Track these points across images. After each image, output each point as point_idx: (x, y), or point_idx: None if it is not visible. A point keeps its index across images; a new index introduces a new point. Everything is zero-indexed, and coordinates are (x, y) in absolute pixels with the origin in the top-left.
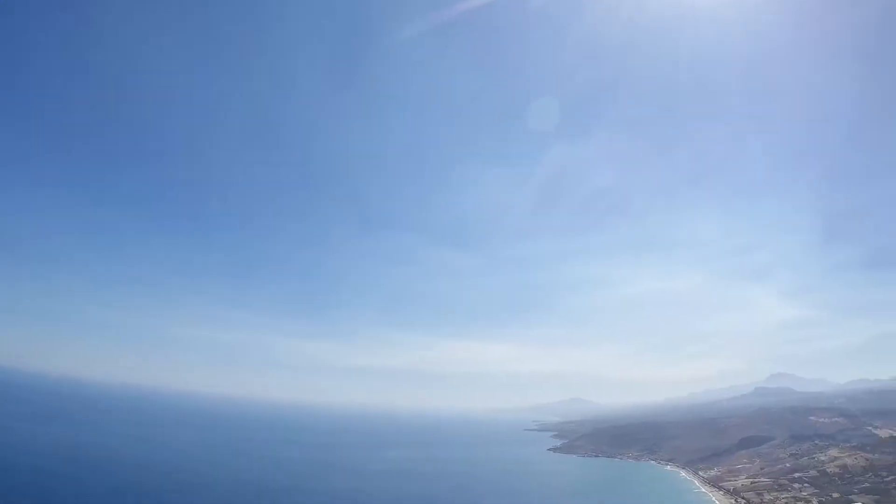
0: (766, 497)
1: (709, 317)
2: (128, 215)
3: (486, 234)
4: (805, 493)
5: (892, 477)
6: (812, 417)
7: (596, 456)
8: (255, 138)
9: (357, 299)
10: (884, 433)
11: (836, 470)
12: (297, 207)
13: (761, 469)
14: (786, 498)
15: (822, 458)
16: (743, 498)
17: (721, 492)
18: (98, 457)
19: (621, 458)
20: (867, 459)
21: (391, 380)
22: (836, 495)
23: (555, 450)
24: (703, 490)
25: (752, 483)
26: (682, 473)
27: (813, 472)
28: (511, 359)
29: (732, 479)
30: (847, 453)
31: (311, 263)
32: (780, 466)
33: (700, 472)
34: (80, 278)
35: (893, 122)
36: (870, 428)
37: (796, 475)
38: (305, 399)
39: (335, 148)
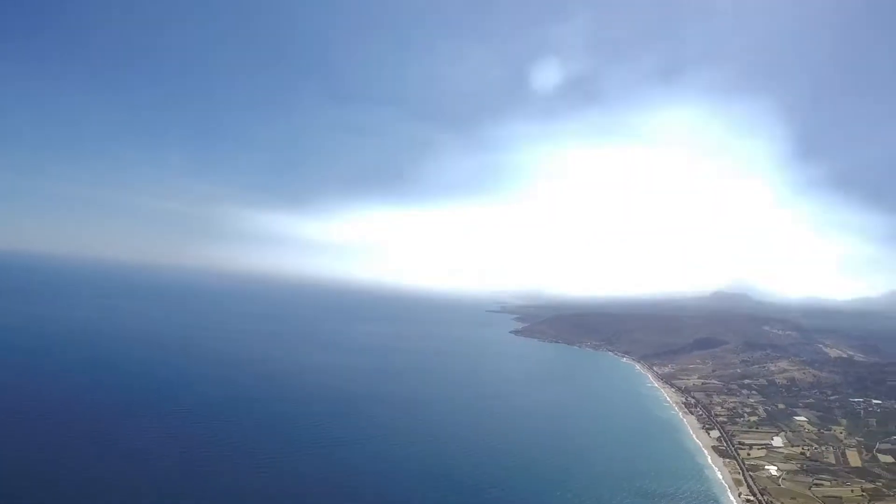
0: (715, 399)
1: (672, 215)
2: (89, 85)
3: (462, 111)
4: (752, 401)
5: (836, 396)
6: (766, 327)
7: (556, 342)
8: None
9: (324, 171)
10: (833, 352)
11: (785, 382)
12: (264, 78)
13: (713, 371)
14: (733, 402)
15: (773, 369)
16: (693, 397)
17: (673, 389)
18: (71, 330)
19: (580, 347)
20: (815, 376)
21: (356, 252)
22: (781, 406)
23: (516, 333)
24: (656, 385)
25: (703, 384)
26: (638, 367)
27: (762, 381)
28: (478, 237)
29: (685, 377)
30: (796, 367)
31: (279, 135)
32: (731, 371)
33: (654, 368)
34: (39, 154)
35: (877, 44)
36: (821, 345)
37: (746, 381)
38: (271, 271)
39: (306, 16)
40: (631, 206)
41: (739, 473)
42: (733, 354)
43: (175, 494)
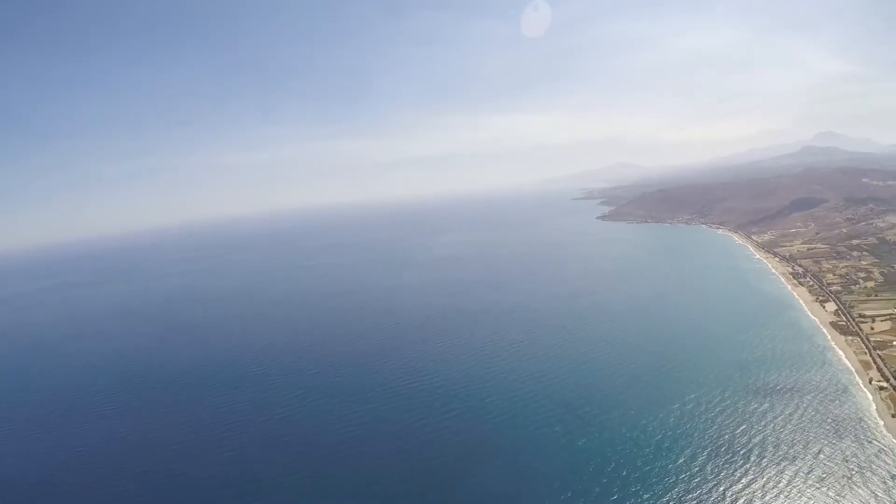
0: (825, 265)
1: (751, 74)
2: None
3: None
4: (865, 263)
5: None
6: (865, 179)
7: (645, 222)
8: None
9: (388, 89)
10: None
11: None
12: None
13: (816, 234)
14: (845, 267)
15: (881, 225)
16: (800, 265)
17: (777, 258)
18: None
19: (671, 224)
20: None
21: (433, 166)
22: None
23: (604, 218)
24: (758, 256)
25: (808, 249)
26: (735, 238)
27: (872, 240)
28: (554, 128)
29: (787, 243)
30: None
31: (335, 60)
32: (836, 231)
33: (753, 237)
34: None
35: None
36: None
37: (854, 242)
38: (351, 200)
39: None
40: (705, 72)
41: (866, 353)
42: (835, 213)
43: None
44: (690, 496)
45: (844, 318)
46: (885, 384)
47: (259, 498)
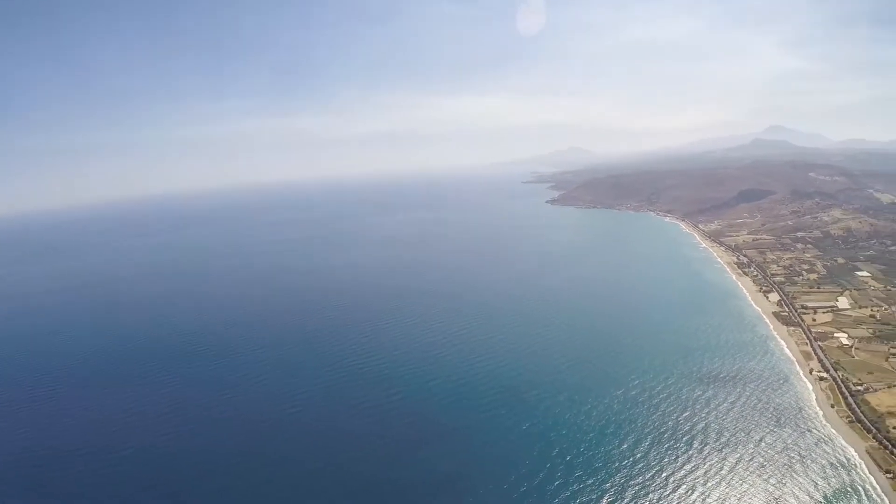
0: (769, 256)
1: (706, 65)
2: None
3: None
4: (808, 256)
5: None
6: (812, 174)
7: (593, 207)
8: None
9: (338, 66)
10: (885, 198)
11: (840, 232)
12: None
13: (762, 225)
14: (789, 258)
15: (826, 219)
16: (745, 255)
17: (722, 247)
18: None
19: (619, 210)
20: (871, 224)
21: (384, 145)
22: (840, 261)
23: (553, 202)
24: (704, 244)
25: (753, 240)
26: (682, 226)
27: (816, 233)
28: (507, 111)
29: (734, 233)
30: (851, 216)
31: (286, 37)
32: (781, 224)
33: (700, 226)
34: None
35: None
36: (871, 191)
37: (799, 234)
38: (301, 177)
39: None
40: (659, 61)
41: (807, 344)
42: (781, 205)
43: None
44: (634, 482)
45: (787, 309)
46: (824, 375)
47: (210, 475)
